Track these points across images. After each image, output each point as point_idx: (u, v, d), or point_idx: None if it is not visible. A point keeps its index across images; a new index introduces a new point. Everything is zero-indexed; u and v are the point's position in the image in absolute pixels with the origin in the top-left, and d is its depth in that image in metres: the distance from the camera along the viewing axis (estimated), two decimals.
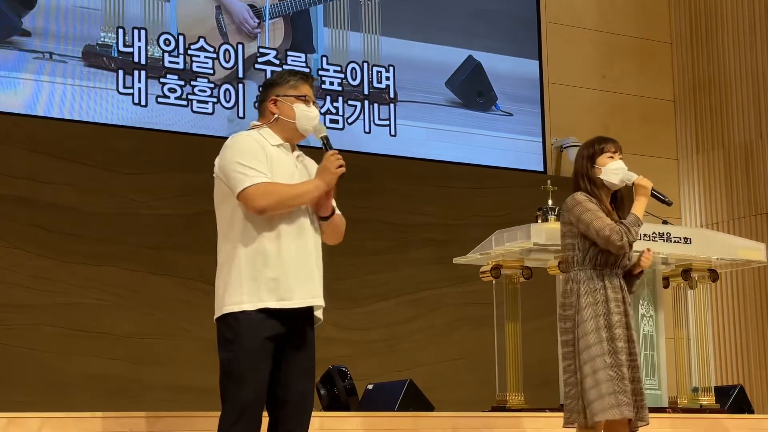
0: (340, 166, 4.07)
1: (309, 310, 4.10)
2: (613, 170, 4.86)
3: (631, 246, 4.75)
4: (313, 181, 4.11)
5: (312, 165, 4.30)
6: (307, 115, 4.18)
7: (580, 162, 4.96)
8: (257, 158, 4.04)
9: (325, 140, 4.17)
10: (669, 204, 5.05)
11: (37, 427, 4.64)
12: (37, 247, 7.55)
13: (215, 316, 3.98)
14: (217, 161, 4.09)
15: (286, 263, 4.01)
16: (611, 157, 4.86)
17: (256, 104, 4.44)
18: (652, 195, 4.87)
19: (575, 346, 4.72)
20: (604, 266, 4.78)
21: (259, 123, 4.21)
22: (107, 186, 7.76)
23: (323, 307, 4.17)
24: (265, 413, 4.02)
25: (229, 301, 3.96)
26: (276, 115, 4.17)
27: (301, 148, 4.28)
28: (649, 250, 4.93)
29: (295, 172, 4.15)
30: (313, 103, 4.26)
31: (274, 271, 3.99)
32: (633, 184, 4.92)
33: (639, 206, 4.85)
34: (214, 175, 4.09)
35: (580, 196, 4.82)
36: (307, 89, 4.23)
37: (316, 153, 4.20)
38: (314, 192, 4.08)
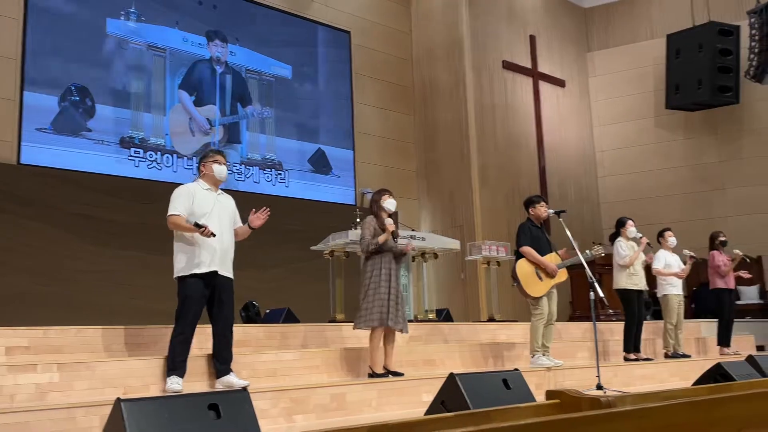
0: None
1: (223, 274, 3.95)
2: (387, 205, 4.68)
3: (375, 246, 4.55)
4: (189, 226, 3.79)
5: (226, 199, 4.05)
6: (219, 171, 3.99)
7: (372, 201, 4.82)
8: (181, 200, 3.84)
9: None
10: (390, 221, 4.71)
11: (92, 333, 4.27)
12: (96, 241, 7.28)
13: (173, 277, 3.92)
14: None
15: (202, 249, 3.81)
16: (386, 198, 4.73)
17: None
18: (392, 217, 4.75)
19: (363, 289, 4.65)
20: (377, 253, 4.60)
21: (198, 177, 4.06)
22: (130, 209, 7.49)
23: (231, 269, 3.94)
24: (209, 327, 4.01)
25: (176, 270, 3.86)
26: (203, 173, 4.01)
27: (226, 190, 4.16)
28: (409, 244, 4.83)
29: (214, 204, 3.91)
30: (224, 164, 4.01)
31: (197, 253, 3.80)
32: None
33: (385, 235, 4.59)
34: None
35: (367, 218, 4.73)
36: (218, 157, 4.02)
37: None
38: (189, 230, 3.77)
